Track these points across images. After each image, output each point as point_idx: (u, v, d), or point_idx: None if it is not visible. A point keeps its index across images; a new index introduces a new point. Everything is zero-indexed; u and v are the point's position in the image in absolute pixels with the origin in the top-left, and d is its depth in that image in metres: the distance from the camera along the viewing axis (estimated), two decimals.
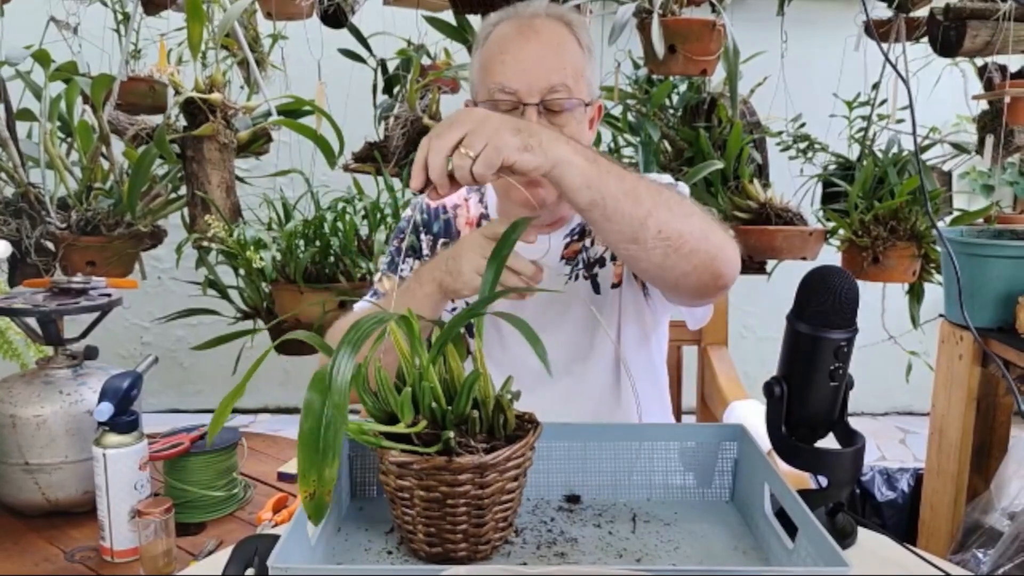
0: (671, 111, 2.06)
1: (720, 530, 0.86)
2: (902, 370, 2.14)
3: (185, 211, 1.86)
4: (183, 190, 1.88)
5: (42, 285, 1.36)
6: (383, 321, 0.74)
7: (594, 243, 1.22)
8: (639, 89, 2.05)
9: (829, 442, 0.87)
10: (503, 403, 0.79)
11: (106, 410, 1.10)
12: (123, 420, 1.11)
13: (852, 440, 0.87)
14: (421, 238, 1.27)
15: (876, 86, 2.01)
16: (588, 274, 1.22)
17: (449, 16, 1.99)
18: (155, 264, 3.01)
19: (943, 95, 2.15)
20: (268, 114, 1.89)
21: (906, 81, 1.25)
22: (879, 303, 2.03)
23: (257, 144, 1.93)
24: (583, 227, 1.23)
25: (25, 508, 1.25)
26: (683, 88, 2.07)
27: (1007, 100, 1.94)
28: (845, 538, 0.88)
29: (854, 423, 0.88)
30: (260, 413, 3.67)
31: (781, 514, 0.80)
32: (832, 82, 2.06)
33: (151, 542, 1.06)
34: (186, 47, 1.78)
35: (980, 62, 2.06)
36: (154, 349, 3.48)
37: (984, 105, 2.10)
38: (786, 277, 1.49)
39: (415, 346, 0.78)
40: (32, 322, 1.30)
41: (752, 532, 0.85)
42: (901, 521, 2.08)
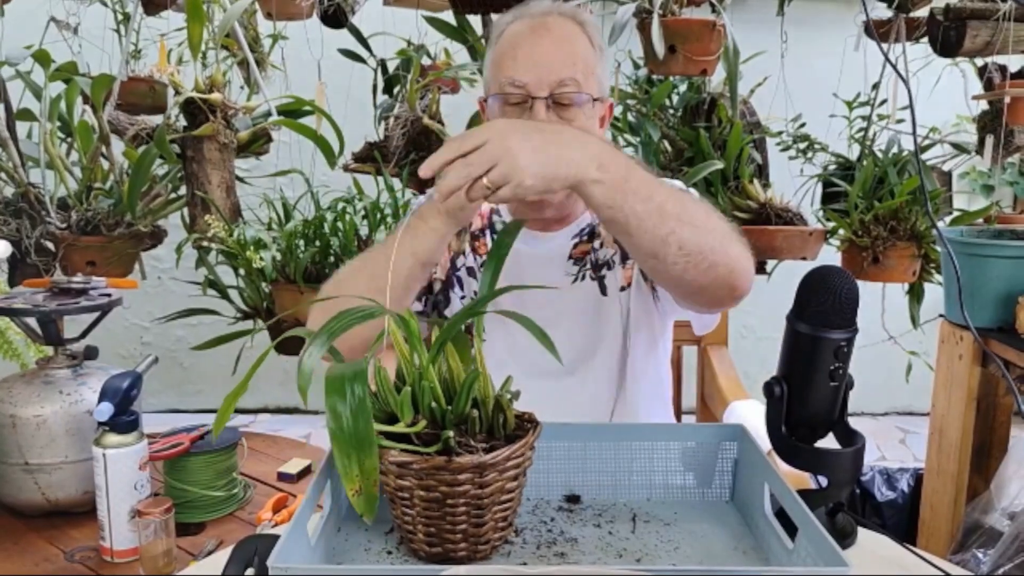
0: (671, 111, 2.05)
1: (720, 530, 0.86)
2: (902, 370, 2.14)
3: (185, 211, 1.86)
4: (183, 190, 1.88)
5: (42, 285, 1.36)
6: (372, 315, 0.75)
7: (603, 245, 1.22)
8: (639, 89, 2.05)
9: (829, 442, 0.87)
10: (503, 403, 0.79)
11: (106, 410, 1.10)
12: (123, 420, 1.12)
13: (852, 440, 0.87)
14: None
15: (876, 86, 2.01)
16: (595, 276, 1.22)
17: (449, 16, 1.99)
18: (155, 264, 3.01)
19: (943, 95, 2.15)
20: (268, 114, 1.89)
21: (906, 81, 1.25)
22: (879, 303, 2.03)
23: (257, 144, 1.93)
24: (593, 229, 1.23)
25: (25, 508, 1.25)
26: (683, 88, 2.07)
27: (1007, 100, 1.94)
28: (845, 538, 0.88)
29: (854, 423, 0.88)
30: (260, 413, 3.67)
31: (781, 514, 0.80)
32: (832, 82, 2.06)
33: (151, 542, 1.06)
34: (186, 47, 1.78)
35: (980, 62, 2.06)
36: (154, 349, 3.48)
37: (984, 105, 2.09)
38: (786, 277, 1.49)
39: (415, 345, 0.78)
40: (32, 322, 1.30)
41: (752, 532, 0.85)
42: (901, 521, 2.08)
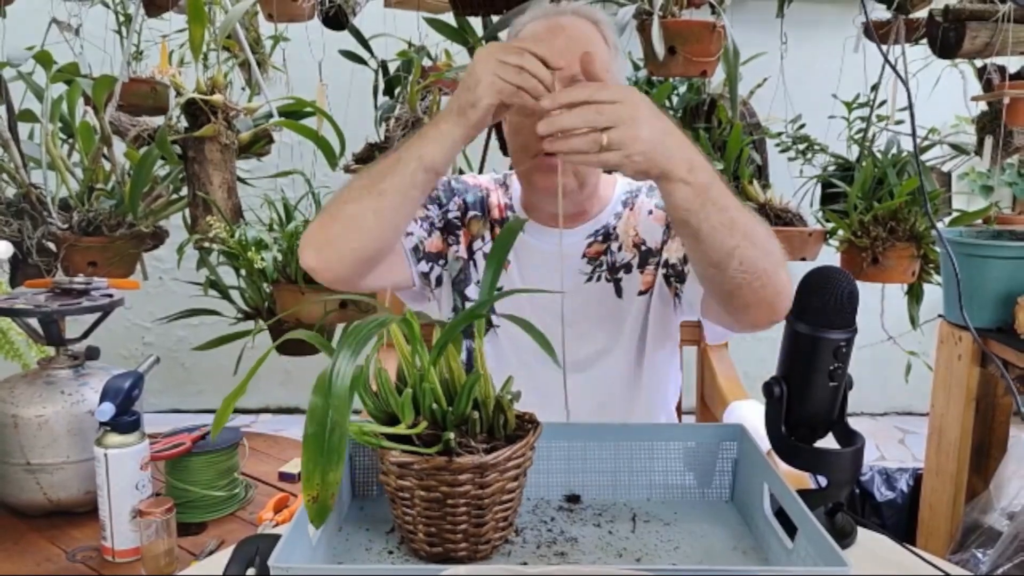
0: (671, 112, 2.06)
1: (720, 530, 0.86)
2: (901, 370, 2.14)
3: (186, 212, 1.86)
4: (184, 191, 1.88)
5: (44, 286, 1.36)
6: (383, 324, 0.74)
7: (621, 248, 1.21)
8: (639, 90, 2.05)
9: (829, 442, 0.88)
10: (503, 403, 0.80)
11: (108, 410, 1.10)
12: (124, 420, 1.12)
13: (851, 440, 0.87)
14: (451, 201, 1.25)
15: (875, 87, 2.01)
16: (611, 278, 1.21)
17: (450, 18, 1.99)
18: (156, 265, 3.01)
19: (942, 96, 2.15)
20: (269, 115, 1.89)
21: (905, 82, 1.25)
22: (878, 303, 2.03)
23: (258, 145, 1.93)
24: (608, 231, 1.22)
25: (27, 508, 1.25)
26: (683, 89, 2.07)
27: (1006, 101, 1.94)
28: (844, 538, 0.88)
29: (853, 423, 0.88)
30: (261, 413, 3.67)
31: (781, 514, 0.80)
32: (832, 83, 2.06)
33: (152, 542, 1.06)
34: (188, 48, 1.78)
35: (979, 63, 2.06)
36: (155, 349, 3.48)
37: (983, 106, 2.10)
38: None
39: (416, 347, 0.79)
40: (34, 322, 1.30)
41: (752, 532, 0.85)
42: (900, 521, 2.08)
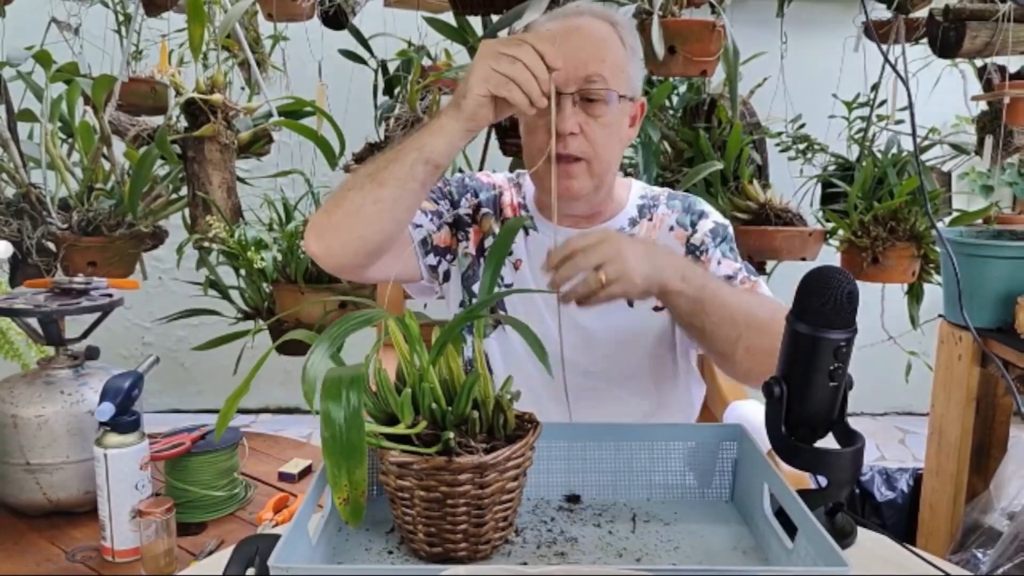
0: (671, 112, 2.06)
1: (720, 530, 0.86)
2: (901, 370, 2.14)
3: (186, 212, 1.86)
4: (184, 191, 1.88)
5: (43, 285, 1.36)
6: (369, 320, 0.75)
7: None
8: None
9: (829, 442, 0.87)
10: (503, 403, 0.80)
11: (107, 410, 1.10)
12: (124, 420, 1.12)
13: (852, 440, 0.87)
14: (464, 198, 1.26)
15: (875, 87, 2.01)
16: None
17: (449, 17, 1.99)
18: (156, 264, 3.01)
19: (942, 96, 2.16)
20: (269, 115, 1.90)
21: (906, 82, 1.25)
22: (879, 303, 2.03)
23: (258, 145, 1.93)
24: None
25: (26, 508, 1.25)
26: (683, 89, 2.07)
27: (1006, 101, 1.94)
28: (844, 538, 0.88)
29: (854, 423, 0.88)
30: (261, 413, 3.67)
31: (781, 514, 0.80)
32: (832, 83, 2.06)
33: (152, 542, 1.06)
34: (187, 48, 1.78)
35: (979, 63, 2.06)
36: (155, 349, 3.48)
37: (983, 106, 2.10)
38: (786, 278, 1.49)
39: (415, 347, 0.79)
40: (33, 322, 1.30)
41: (752, 532, 0.85)
42: (900, 521, 2.08)
